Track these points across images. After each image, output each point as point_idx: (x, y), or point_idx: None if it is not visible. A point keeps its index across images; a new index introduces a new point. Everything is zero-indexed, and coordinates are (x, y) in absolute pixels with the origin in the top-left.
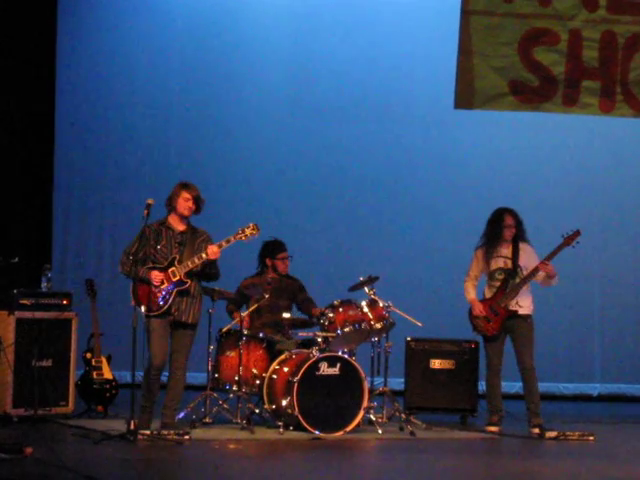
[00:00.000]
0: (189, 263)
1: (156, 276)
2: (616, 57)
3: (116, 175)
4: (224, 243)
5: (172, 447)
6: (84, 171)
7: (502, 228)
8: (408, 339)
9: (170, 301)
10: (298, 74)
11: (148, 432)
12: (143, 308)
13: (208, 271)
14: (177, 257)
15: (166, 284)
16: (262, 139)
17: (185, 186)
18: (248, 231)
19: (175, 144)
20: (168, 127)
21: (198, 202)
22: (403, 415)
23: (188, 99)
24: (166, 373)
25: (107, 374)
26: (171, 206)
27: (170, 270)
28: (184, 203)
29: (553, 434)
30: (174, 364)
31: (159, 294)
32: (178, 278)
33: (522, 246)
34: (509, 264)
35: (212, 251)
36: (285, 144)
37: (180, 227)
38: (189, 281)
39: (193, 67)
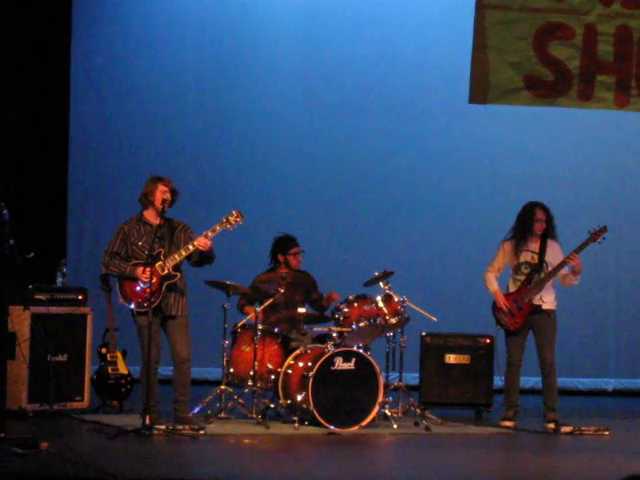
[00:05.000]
0: (176, 256)
1: (144, 272)
2: (631, 52)
3: (131, 170)
4: (210, 233)
5: (187, 442)
6: (99, 166)
7: (533, 222)
8: (423, 334)
9: (161, 296)
10: (312, 71)
11: (163, 427)
12: (133, 305)
13: (206, 256)
14: (162, 251)
15: (155, 279)
16: (276, 134)
17: (160, 179)
18: (232, 219)
19: (190, 139)
20: (183, 123)
21: (174, 194)
22: (418, 410)
23: (203, 95)
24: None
25: (122, 369)
26: (147, 201)
27: (157, 264)
28: (161, 196)
29: (568, 429)
30: (179, 357)
31: (148, 289)
32: (167, 272)
33: (550, 243)
34: (536, 259)
35: (202, 243)
36: (299, 140)
37: (156, 221)
38: (178, 274)
39: (208, 64)
